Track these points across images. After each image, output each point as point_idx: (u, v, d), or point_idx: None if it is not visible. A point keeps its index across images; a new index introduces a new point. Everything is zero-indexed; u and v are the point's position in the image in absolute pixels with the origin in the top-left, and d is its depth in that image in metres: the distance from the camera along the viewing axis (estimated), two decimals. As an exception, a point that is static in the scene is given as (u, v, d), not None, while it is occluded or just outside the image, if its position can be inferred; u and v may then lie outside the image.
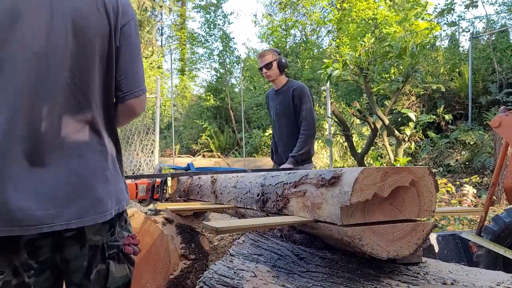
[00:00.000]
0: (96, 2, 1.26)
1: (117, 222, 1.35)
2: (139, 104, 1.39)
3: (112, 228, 1.33)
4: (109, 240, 1.32)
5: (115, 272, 1.34)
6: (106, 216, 1.27)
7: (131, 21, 1.34)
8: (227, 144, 12.92)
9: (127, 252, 1.38)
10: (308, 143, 3.36)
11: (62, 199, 1.20)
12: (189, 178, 2.82)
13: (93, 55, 1.26)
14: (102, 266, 1.31)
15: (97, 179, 1.27)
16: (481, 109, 9.16)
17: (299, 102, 3.40)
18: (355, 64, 4.53)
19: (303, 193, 1.51)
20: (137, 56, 1.38)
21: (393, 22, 12.29)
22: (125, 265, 1.38)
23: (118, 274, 1.35)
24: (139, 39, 1.38)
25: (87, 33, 1.24)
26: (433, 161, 8.39)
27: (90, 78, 1.27)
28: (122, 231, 1.38)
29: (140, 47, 1.40)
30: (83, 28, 1.24)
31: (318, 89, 12.39)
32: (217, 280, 1.71)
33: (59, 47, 1.21)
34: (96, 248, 1.29)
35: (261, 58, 3.52)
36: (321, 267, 1.48)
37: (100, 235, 1.29)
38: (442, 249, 3.34)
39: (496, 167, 3.32)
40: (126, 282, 1.39)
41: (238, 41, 48.59)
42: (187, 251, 2.68)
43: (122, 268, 1.37)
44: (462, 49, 12.13)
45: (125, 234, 1.40)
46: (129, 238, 1.41)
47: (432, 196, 1.38)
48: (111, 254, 1.33)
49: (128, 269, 1.40)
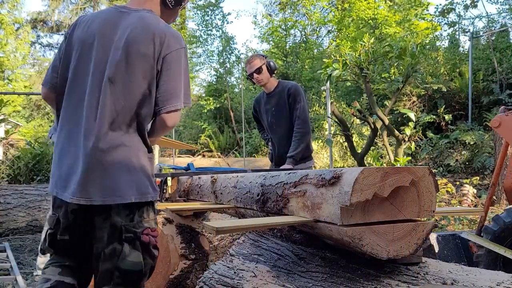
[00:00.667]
0: (148, 33, 1.61)
1: (137, 211, 1.57)
2: (169, 118, 1.63)
3: (131, 214, 1.56)
4: (127, 224, 1.55)
5: (128, 255, 1.54)
6: (123, 199, 1.53)
7: (173, 52, 1.63)
8: (227, 144, 12.93)
9: (144, 240, 1.56)
10: (303, 141, 3.36)
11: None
12: (189, 178, 2.82)
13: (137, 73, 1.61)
14: (118, 245, 1.54)
15: (121, 170, 1.56)
16: (481, 109, 9.16)
17: (293, 101, 3.42)
18: (355, 64, 4.53)
19: (303, 193, 1.51)
20: (176, 80, 1.64)
21: (393, 22, 12.29)
22: (139, 253, 1.56)
23: (130, 258, 1.54)
24: (182, 65, 1.66)
25: (136, 57, 1.60)
26: (433, 161, 8.39)
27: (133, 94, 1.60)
28: (143, 221, 1.58)
29: (182, 72, 1.66)
30: (133, 52, 1.60)
31: (318, 89, 12.39)
32: (217, 280, 1.71)
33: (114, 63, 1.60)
34: (115, 227, 1.54)
35: (249, 65, 3.51)
36: (321, 267, 1.48)
37: (120, 217, 1.54)
38: (442, 249, 3.33)
39: (496, 167, 3.31)
40: (138, 270, 1.56)
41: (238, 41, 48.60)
42: (187, 251, 2.68)
43: (136, 255, 1.56)
44: (462, 49, 12.13)
45: (145, 225, 1.59)
46: (148, 229, 1.59)
47: (432, 196, 1.38)
48: (127, 237, 1.54)
49: (143, 260, 1.57)
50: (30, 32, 20.04)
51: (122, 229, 1.54)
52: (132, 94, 1.58)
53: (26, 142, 8.67)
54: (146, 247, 1.58)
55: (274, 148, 3.65)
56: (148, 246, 1.58)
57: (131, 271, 1.55)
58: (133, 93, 1.58)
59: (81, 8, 20.88)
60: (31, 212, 4.71)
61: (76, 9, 20.76)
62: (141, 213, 1.59)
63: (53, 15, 20.62)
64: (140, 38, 1.59)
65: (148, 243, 1.58)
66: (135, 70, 1.58)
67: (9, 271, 3.34)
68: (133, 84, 1.58)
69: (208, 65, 16.45)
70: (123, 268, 1.54)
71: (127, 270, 1.54)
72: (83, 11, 21.24)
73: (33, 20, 20.42)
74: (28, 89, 18.91)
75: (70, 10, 20.83)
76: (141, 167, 1.60)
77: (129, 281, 1.57)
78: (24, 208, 4.74)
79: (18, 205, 4.75)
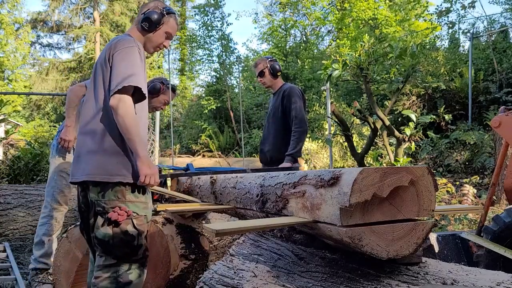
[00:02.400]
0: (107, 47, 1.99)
1: (109, 190, 1.88)
2: (114, 102, 1.86)
3: (102, 191, 1.89)
4: (98, 199, 1.90)
5: (100, 227, 1.89)
6: (92, 178, 1.89)
7: (119, 50, 1.93)
8: (227, 144, 12.92)
9: (109, 216, 1.86)
10: (302, 139, 3.43)
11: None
12: (189, 179, 2.82)
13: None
14: (94, 217, 1.93)
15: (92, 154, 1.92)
16: (481, 109, 9.16)
17: (288, 102, 3.49)
18: (355, 64, 4.53)
19: (302, 193, 1.51)
20: (119, 65, 1.90)
21: (393, 22, 12.28)
22: (108, 227, 1.88)
23: (102, 230, 1.89)
24: (125, 56, 1.92)
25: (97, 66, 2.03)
26: (433, 161, 8.39)
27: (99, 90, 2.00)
28: (115, 201, 1.89)
29: (125, 60, 1.91)
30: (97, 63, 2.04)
31: (318, 89, 12.39)
32: (217, 280, 1.71)
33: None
34: (92, 203, 1.94)
35: (254, 68, 3.71)
36: (321, 267, 1.48)
37: (94, 193, 1.91)
38: (442, 249, 3.33)
39: (496, 167, 3.31)
40: (106, 241, 1.88)
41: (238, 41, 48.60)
42: (187, 251, 2.68)
43: (105, 228, 1.88)
44: (462, 49, 12.12)
45: (118, 204, 1.89)
46: (118, 208, 1.88)
47: (431, 195, 1.38)
48: (97, 210, 1.91)
49: (113, 231, 1.87)
50: (30, 32, 20.02)
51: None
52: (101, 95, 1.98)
53: (26, 142, 8.66)
54: (113, 221, 1.87)
55: (261, 145, 3.79)
56: (116, 221, 1.87)
57: (102, 241, 1.89)
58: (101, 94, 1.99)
59: (81, 8, 20.86)
60: (31, 212, 4.70)
61: (76, 9, 20.73)
62: (115, 192, 1.90)
63: (53, 15, 20.57)
64: (101, 55, 2.02)
65: (112, 218, 1.87)
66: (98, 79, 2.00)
67: (9, 271, 3.34)
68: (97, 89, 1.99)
69: (208, 65, 16.44)
70: (97, 237, 1.91)
71: (99, 239, 1.89)
72: (83, 11, 21.22)
73: (33, 20, 20.37)
74: (28, 89, 18.89)
75: (70, 10, 20.78)
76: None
77: (104, 250, 1.90)
78: (24, 208, 4.74)
79: (18, 205, 4.74)
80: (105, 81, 1.95)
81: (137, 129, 1.89)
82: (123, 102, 1.86)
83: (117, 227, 1.88)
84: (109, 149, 1.90)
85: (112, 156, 1.90)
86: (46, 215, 3.09)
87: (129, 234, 1.90)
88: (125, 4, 20.08)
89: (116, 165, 1.90)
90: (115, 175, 1.89)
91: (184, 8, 22.84)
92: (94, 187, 1.90)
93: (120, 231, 1.89)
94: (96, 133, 1.92)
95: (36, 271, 3.03)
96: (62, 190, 3.11)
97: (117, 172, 1.89)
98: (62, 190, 3.11)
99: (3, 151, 7.96)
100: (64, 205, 3.14)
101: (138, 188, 1.94)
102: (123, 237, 1.89)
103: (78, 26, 20.45)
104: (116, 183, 1.89)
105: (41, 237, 3.05)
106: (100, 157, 1.90)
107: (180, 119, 15.11)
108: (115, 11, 20.02)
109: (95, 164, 1.89)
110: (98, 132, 1.92)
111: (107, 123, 1.92)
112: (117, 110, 1.85)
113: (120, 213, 1.88)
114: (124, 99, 1.86)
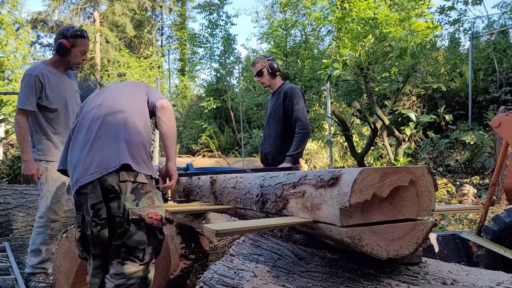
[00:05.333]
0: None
1: (143, 198, 1.95)
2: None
3: (135, 195, 1.95)
4: (132, 208, 1.94)
5: (134, 235, 1.94)
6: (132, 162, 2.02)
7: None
8: (227, 144, 12.91)
9: (150, 223, 1.94)
10: (304, 141, 3.42)
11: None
12: (189, 179, 2.82)
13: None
14: (126, 226, 1.95)
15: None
16: (481, 109, 9.15)
17: (291, 103, 3.44)
18: (355, 64, 4.53)
19: (302, 194, 1.51)
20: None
21: (393, 22, 12.28)
22: (143, 234, 1.95)
23: (136, 238, 1.94)
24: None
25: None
26: (433, 161, 8.38)
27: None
28: (147, 207, 1.96)
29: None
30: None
31: (318, 89, 12.39)
32: (217, 280, 1.71)
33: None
34: (120, 211, 1.97)
35: (253, 67, 3.63)
36: (321, 267, 1.48)
37: (128, 201, 1.97)
38: (442, 249, 3.33)
39: (496, 167, 3.31)
40: (141, 248, 1.94)
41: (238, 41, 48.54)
42: (187, 251, 2.68)
43: (141, 235, 1.94)
44: (462, 49, 12.11)
45: (150, 210, 1.96)
46: (153, 213, 1.96)
47: (431, 195, 1.38)
48: (133, 219, 1.93)
49: (147, 237, 1.96)
50: (30, 32, 20.02)
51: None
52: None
53: (26, 142, 8.65)
54: (150, 228, 1.97)
55: (261, 146, 3.74)
56: (152, 227, 1.98)
57: (135, 248, 1.96)
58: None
59: (81, 8, 20.87)
60: (31, 212, 4.70)
61: (76, 9, 20.73)
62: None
63: (53, 15, 20.56)
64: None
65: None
66: None
67: (9, 271, 3.34)
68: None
69: (208, 65, 16.43)
70: (128, 245, 1.94)
71: (132, 247, 1.96)
72: (83, 11, 21.23)
73: (33, 20, 20.37)
74: (28, 89, 18.82)
75: (70, 10, 20.78)
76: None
77: (135, 256, 1.94)
78: (24, 208, 4.74)
79: (18, 205, 4.74)
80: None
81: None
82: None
83: (151, 233, 1.95)
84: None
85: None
86: (42, 225, 3.03)
87: (159, 238, 2.00)
88: (125, 4, 20.08)
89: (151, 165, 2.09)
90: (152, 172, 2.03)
91: (184, 8, 22.84)
92: (124, 182, 1.92)
93: (153, 237, 1.97)
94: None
95: (33, 274, 3.00)
96: (58, 200, 3.04)
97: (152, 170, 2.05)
98: (58, 200, 3.04)
99: (3, 151, 7.95)
100: (61, 215, 3.07)
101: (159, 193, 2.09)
102: (155, 242, 1.98)
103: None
104: (152, 178, 2.02)
105: (38, 246, 2.99)
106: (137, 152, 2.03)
107: (180, 119, 15.10)
108: (115, 11, 20.01)
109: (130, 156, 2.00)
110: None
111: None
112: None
113: (156, 219, 1.95)
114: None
